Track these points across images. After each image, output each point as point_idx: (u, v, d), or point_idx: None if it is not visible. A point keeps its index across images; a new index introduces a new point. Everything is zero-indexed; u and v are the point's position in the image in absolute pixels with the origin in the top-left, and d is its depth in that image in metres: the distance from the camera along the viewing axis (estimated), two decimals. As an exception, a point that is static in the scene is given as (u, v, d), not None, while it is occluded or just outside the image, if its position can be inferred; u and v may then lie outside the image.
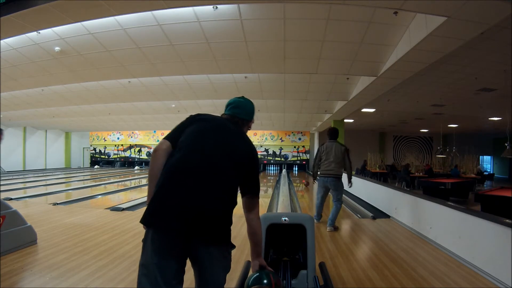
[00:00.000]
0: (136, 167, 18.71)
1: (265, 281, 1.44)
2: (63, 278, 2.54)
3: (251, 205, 1.47)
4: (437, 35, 3.57)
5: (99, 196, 7.34)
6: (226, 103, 1.61)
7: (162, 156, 1.36)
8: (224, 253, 1.37)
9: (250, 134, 17.64)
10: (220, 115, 1.55)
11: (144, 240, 1.28)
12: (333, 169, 4.42)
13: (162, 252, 1.22)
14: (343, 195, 4.84)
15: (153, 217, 1.26)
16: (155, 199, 1.28)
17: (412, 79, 5.70)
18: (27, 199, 6.68)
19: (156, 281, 1.20)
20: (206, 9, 3.99)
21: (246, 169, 1.42)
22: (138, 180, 11.74)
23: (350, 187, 4.64)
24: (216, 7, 3.89)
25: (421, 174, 13.18)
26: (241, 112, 1.55)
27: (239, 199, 1.47)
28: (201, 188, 1.27)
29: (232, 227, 1.41)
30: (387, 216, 5.28)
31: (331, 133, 4.66)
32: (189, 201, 1.25)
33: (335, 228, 4.37)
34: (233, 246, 1.41)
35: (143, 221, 1.28)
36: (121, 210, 5.37)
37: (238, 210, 1.47)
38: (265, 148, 18.14)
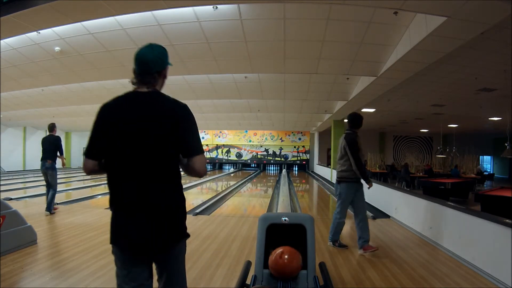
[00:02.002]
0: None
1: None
2: (63, 278, 2.54)
3: (190, 168, 1.30)
4: (437, 35, 3.57)
5: (99, 196, 7.34)
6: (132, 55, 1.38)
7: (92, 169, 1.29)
8: (182, 249, 1.38)
9: (250, 134, 17.35)
10: (137, 81, 1.36)
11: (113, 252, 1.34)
12: (338, 169, 3.66)
13: (128, 266, 1.31)
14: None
15: (115, 237, 1.29)
16: (112, 222, 1.29)
17: (412, 79, 5.70)
18: (27, 199, 6.68)
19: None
20: (206, 9, 3.99)
21: (171, 139, 1.27)
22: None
23: (368, 188, 3.61)
24: (216, 7, 3.90)
25: (421, 174, 13.19)
26: (150, 66, 1.34)
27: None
28: (140, 190, 1.24)
29: (231, 227, 1.43)
30: (387, 216, 5.28)
31: (349, 121, 3.70)
32: (137, 217, 1.24)
33: (340, 245, 3.59)
34: (188, 236, 1.37)
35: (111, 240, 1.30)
36: (121, 210, 5.37)
37: (238, 211, 1.47)
38: (265, 148, 18.14)
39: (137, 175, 1.23)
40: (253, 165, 18.33)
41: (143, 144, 1.24)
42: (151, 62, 1.34)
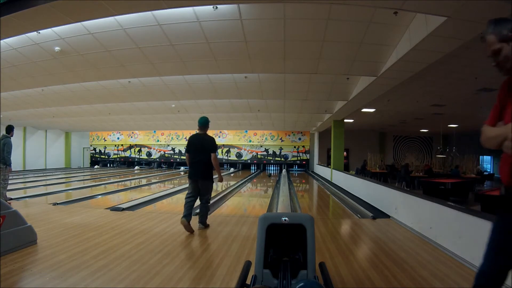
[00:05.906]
0: (136, 167, 18.70)
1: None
2: (63, 278, 2.54)
3: (213, 156, 4.18)
4: (437, 35, 3.57)
5: (99, 196, 7.34)
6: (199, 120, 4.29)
7: (188, 158, 4.27)
8: (210, 182, 4.26)
9: (250, 134, 17.49)
10: (198, 129, 4.33)
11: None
12: None
13: (191, 185, 4.21)
14: None
15: (189, 175, 4.20)
16: (189, 170, 4.24)
17: (412, 79, 5.70)
18: (27, 199, 6.68)
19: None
20: (206, 9, 4.00)
21: (208, 146, 4.16)
22: (138, 180, 11.74)
23: None
24: (216, 7, 3.90)
25: (421, 174, 13.18)
26: (202, 125, 4.28)
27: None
28: (198, 163, 4.15)
29: (231, 227, 1.45)
30: (387, 216, 5.28)
31: None
32: (196, 169, 4.16)
33: None
34: (213, 179, 4.27)
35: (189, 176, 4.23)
36: (121, 210, 5.37)
37: (238, 211, 1.47)
38: (265, 148, 18.13)
39: (197, 161, 4.13)
40: (253, 166, 18.33)
41: (200, 150, 4.15)
42: (205, 124, 4.29)
